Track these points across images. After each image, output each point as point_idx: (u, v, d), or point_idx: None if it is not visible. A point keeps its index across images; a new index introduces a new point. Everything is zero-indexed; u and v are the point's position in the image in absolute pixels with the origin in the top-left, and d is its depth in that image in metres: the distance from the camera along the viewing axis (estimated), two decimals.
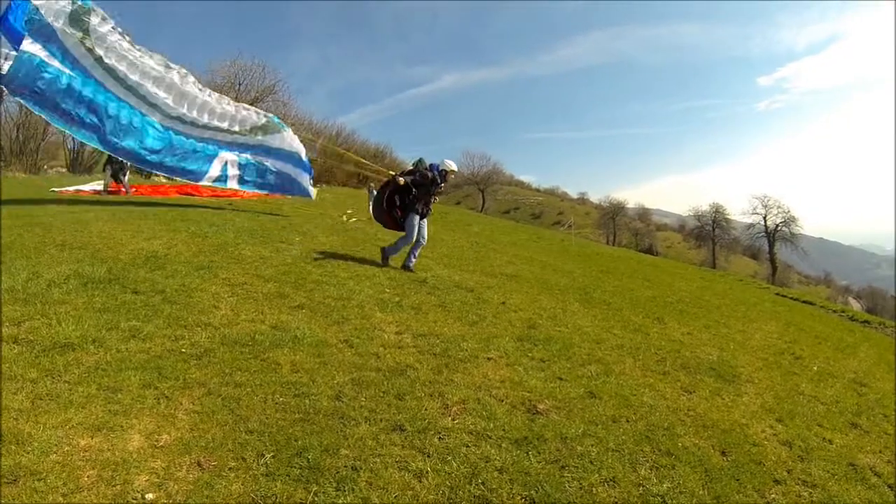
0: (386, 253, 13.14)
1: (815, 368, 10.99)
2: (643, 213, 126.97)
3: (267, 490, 4.22)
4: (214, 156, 18.25)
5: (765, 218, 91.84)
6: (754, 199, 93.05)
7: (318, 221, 20.77)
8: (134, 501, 3.94)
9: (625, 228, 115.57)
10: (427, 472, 4.74)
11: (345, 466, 4.63)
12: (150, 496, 3.99)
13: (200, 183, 18.36)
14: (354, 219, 16.21)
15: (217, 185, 18.66)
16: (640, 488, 5.11)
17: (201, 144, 17.98)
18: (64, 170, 34.77)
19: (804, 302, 30.44)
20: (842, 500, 5.72)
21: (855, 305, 78.06)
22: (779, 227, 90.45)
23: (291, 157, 17.26)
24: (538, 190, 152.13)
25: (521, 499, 4.63)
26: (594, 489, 4.94)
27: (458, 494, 4.55)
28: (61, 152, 37.34)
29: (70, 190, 24.31)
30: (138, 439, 4.63)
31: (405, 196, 12.94)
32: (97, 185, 25.13)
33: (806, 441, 6.96)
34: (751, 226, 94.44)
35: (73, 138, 36.22)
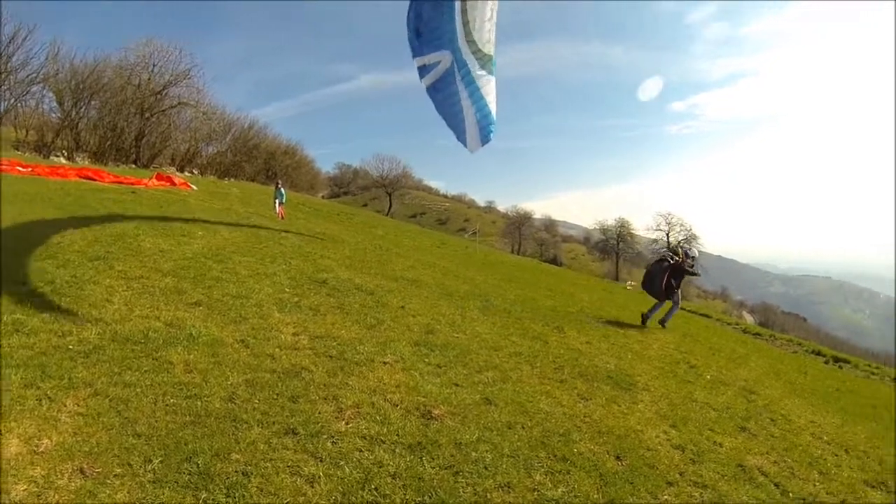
0: (656, 312, 17.04)
1: (709, 377, 11.34)
2: (549, 225, 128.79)
3: (154, 498, 4.06)
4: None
5: (668, 234, 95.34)
6: (659, 216, 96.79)
7: (223, 216, 20.38)
8: None
9: (530, 238, 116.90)
10: (319, 477, 4.67)
11: (236, 472, 4.51)
12: None
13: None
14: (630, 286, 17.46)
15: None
16: (535, 493, 5.16)
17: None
18: None
19: (701, 315, 31.65)
20: (731, 498, 5.97)
21: (749, 319, 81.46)
22: (681, 244, 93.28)
23: (479, 103, 14.41)
24: (446, 196, 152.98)
25: None
26: (488, 494, 4.96)
27: (351, 500, 4.49)
28: None
29: None
30: (17, 444, 4.38)
31: (678, 276, 16.51)
32: None
33: (698, 445, 7.22)
34: (654, 241, 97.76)
35: None
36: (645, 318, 17.00)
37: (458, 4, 12.81)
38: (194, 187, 33.04)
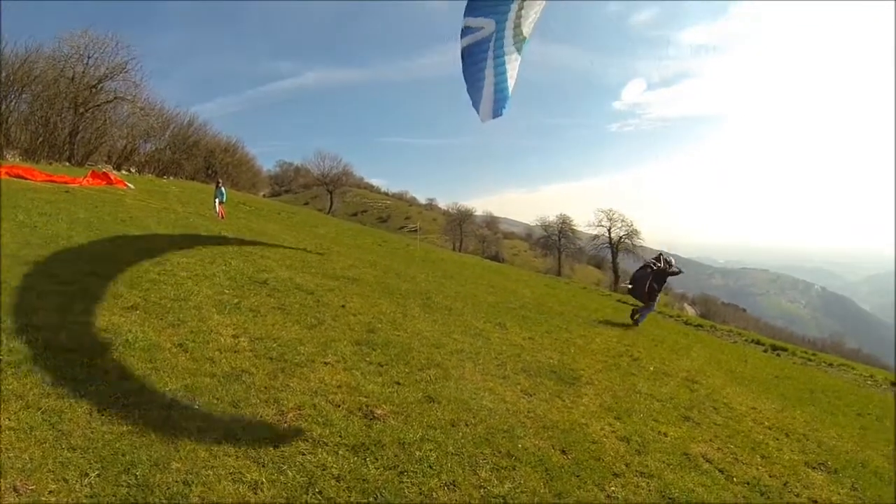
0: (640, 316, 19.13)
1: (652, 369, 11.57)
2: (491, 221, 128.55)
3: None
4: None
5: (609, 230, 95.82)
6: (600, 212, 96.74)
7: (159, 216, 19.98)
8: None
9: (472, 235, 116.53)
10: (262, 482, 4.60)
11: (176, 481, 4.40)
12: None
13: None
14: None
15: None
16: (481, 490, 5.19)
17: None
18: None
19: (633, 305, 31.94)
20: (677, 486, 6.11)
21: (690, 311, 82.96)
22: (622, 239, 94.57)
23: (501, 77, 14.63)
24: (387, 194, 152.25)
25: None
26: (434, 494, 4.97)
27: None
28: None
29: None
30: None
31: (661, 281, 18.31)
32: None
33: (642, 436, 7.39)
34: (595, 237, 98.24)
35: None
36: (637, 320, 19.10)
37: None
38: (131, 186, 32.17)
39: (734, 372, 14.41)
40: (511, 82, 14.35)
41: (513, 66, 14.29)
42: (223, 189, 29.76)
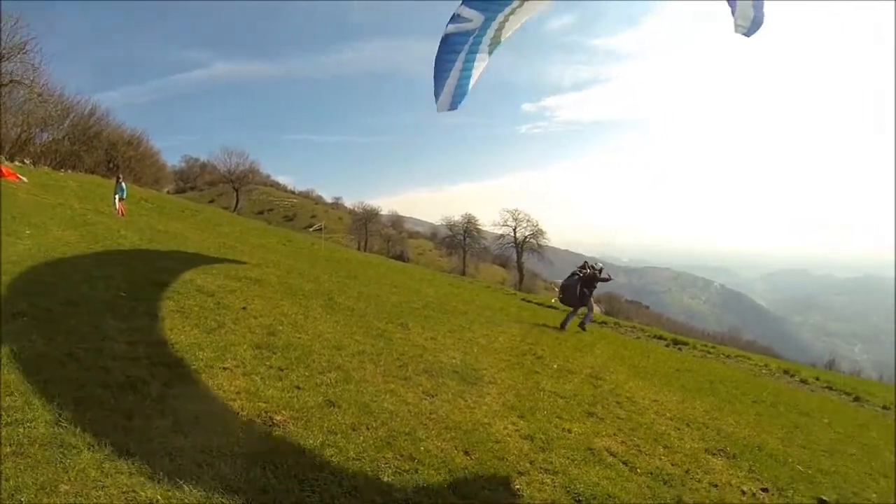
0: (584, 320, 20.45)
1: (556, 366, 11.81)
2: (396, 221, 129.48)
3: None
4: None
5: (514, 230, 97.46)
6: (505, 212, 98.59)
7: (54, 212, 19.29)
8: None
9: (377, 235, 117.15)
10: (157, 500, 4.43)
11: None
12: None
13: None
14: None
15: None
16: (384, 495, 5.16)
17: None
18: None
19: (548, 307, 32.52)
20: (582, 481, 6.26)
21: (595, 309, 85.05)
22: (527, 239, 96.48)
23: (467, 73, 14.44)
24: (293, 192, 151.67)
25: None
26: (336, 501, 4.92)
27: None
28: None
29: None
30: None
31: (590, 286, 19.40)
32: None
33: (546, 433, 7.54)
34: (501, 236, 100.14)
35: None
36: (563, 324, 19.80)
37: None
38: (24, 179, 30.74)
39: (637, 367, 14.82)
40: (473, 81, 14.62)
41: (480, 65, 14.57)
42: (124, 184, 28.85)
